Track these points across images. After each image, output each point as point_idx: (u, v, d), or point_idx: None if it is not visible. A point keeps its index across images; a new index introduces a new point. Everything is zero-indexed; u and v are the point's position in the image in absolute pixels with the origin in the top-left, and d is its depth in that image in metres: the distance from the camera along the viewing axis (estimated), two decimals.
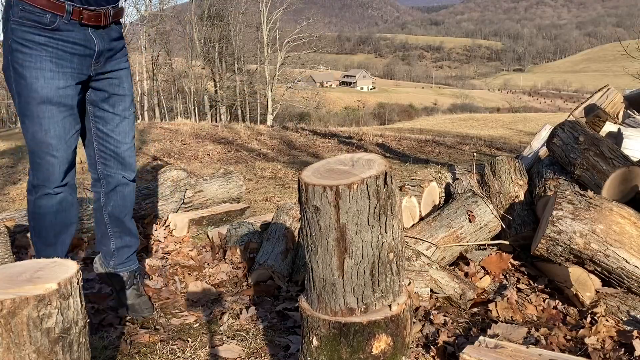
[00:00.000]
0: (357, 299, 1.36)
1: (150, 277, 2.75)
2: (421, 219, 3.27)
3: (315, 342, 1.40)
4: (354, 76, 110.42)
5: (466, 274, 2.84)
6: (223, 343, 2.14)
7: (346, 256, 1.31)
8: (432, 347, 2.06)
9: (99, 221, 2.31)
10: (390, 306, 1.39)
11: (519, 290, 2.69)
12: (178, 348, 2.09)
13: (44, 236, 2.18)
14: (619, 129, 3.40)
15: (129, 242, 2.33)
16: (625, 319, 2.31)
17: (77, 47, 1.96)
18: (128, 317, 2.34)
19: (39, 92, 1.91)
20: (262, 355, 2.06)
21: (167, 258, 3.09)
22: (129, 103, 2.20)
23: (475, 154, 6.80)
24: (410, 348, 2.02)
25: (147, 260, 3.00)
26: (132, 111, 2.23)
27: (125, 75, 2.18)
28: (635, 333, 2.09)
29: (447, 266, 2.89)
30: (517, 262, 2.99)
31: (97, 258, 2.41)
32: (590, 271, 2.52)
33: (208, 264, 3.05)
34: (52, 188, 2.08)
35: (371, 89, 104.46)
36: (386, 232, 1.33)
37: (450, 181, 3.85)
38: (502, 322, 2.24)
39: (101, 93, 2.12)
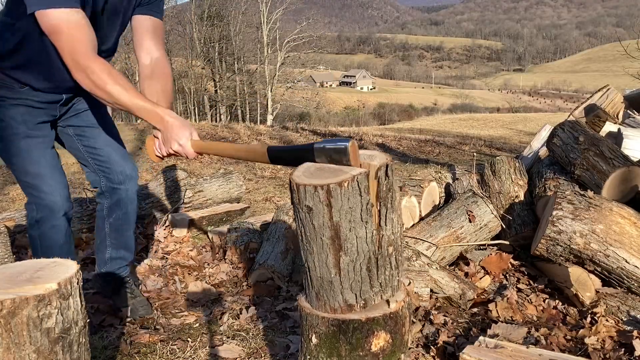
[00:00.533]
0: (356, 295, 1.36)
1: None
2: (421, 219, 3.27)
3: (314, 340, 1.40)
4: (354, 76, 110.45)
5: (466, 274, 2.84)
6: (223, 343, 2.14)
7: (342, 254, 1.31)
8: (432, 347, 2.06)
9: (99, 228, 2.33)
10: (388, 302, 1.39)
11: (519, 290, 2.69)
12: (178, 348, 2.09)
13: None
14: (619, 129, 3.40)
15: (123, 255, 2.35)
16: (625, 319, 2.31)
17: (47, 97, 2.02)
18: (128, 317, 2.34)
19: (20, 128, 1.97)
20: (262, 355, 2.06)
21: (167, 258, 3.09)
22: (99, 112, 2.21)
23: (475, 154, 6.80)
24: (410, 348, 2.02)
25: (147, 260, 3.00)
26: (107, 121, 2.23)
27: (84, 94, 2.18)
28: (635, 333, 2.09)
29: (447, 266, 2.89)
30: (517, 262, 2.99)
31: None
32: (590, 271, 2.52)
33: (208, 264, 3.05)
34: (58, 218, 2.06)
35: (371, 89, 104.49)
36: (385, 225, 1.34)
37: (450, 181, 3.85)
38: (502, 322, 2.24)
39: (68, 114, 2.16)
